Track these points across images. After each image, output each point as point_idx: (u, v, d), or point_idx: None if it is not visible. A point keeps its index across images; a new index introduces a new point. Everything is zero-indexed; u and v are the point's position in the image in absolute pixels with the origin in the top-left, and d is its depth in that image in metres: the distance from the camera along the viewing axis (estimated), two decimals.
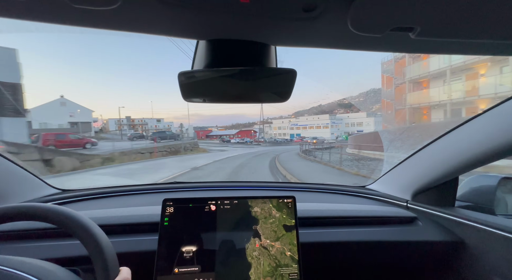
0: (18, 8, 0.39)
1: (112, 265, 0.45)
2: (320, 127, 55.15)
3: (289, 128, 63.00)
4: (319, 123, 55.53)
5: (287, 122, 64.57)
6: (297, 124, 61.57)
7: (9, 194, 0.86)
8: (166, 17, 0.42)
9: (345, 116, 55.87)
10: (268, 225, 0.70)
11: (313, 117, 56.36)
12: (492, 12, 0.37)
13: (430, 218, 0.94)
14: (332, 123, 52.86)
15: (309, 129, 57.92)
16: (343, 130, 54.99)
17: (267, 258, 0.66)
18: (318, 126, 56.00)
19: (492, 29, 0.42)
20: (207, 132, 68.34)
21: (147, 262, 0.64)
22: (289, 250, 0.69)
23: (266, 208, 0.72)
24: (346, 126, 55.51)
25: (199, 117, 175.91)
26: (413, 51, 0.55)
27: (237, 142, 38.42)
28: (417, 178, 0.97)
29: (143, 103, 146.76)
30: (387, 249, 0.87)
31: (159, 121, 68.11)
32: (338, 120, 54.58)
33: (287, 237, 0.70)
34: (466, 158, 0.76)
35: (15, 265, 0.41)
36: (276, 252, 0.68)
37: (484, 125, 0.72)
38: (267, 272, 0.65)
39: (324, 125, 54.52)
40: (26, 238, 0.72)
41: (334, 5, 0.38)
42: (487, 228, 0.76)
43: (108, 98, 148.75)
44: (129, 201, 1.04)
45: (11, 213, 0.46)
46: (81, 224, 0.46)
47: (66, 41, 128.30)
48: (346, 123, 55.73)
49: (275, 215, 0.71)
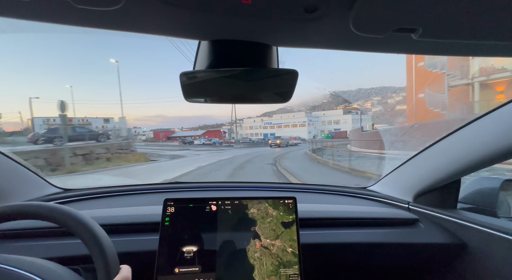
0: (21, 8, 0.38)
1: (113, 265, 0.45)
2: (297, 126, 50.80)
3: (262, 127, 57.41)
4: (295, 121, 51.18)
5: (259, 121, 58.89)
6: (270, 122, 56.37)
7: (11, 193, 0.87)
8: (169, 17, 0.42)
9: (321, 113, 52.61)
10: (266, 224, 0.70)
11: (288, 115, 51.87)
12: (494, 13, 0.37)
13: (432, 220, 0.93)
14: (309, 121, 48.99)
15: (285, 128, 53.05)
16: (320, 128, 51.55)
17: (269, 258, 0.66)
18: (294, 124, 51.52)
19: (495, 30, 0.41)
20: (169, 133, 59.41)
21: (148, 262, 0.64)
22: (290, 246, 0.68)
23: (262, 208, 0.71)
24: (322, 124, 52.29)
25: (163, 119, 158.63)
26: (415, 52, 0.55)
27: (202, 144, 31.07)
28: (419, 179, 0.96)
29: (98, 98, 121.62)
30: (388, 251, 0.86)
31: (108, 121, 55.43)
32: (315, 118, 51.08)
33: (287, 233, 0.70)
34: (468, 160, 0.76)
35: (17, 264, 0.41)
36: (277, 250, 0.68)
37: (487, 126, 0.71)
38: (270, 272, 0.65)
39: (300, 123, 50.30)
40: (28, 237, 0.73)
41: (336, 6, 0.38)
42: (489, 231, 0.75)
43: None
44: (130, 201, 1.04)
45: (13, 212, 0.46)
46: (83, 224, 0.46)
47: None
48: (323, 121, 52.56)
49: (272, 214, 0.71)
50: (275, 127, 55.29)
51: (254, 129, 60.07)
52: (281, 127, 53.80)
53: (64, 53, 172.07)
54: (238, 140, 32.07)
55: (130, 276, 0.48)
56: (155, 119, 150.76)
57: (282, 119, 53.56)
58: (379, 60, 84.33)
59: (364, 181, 5.73)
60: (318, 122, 51.49)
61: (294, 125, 51.16)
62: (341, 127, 47.63)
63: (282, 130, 52.93)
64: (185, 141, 32.30)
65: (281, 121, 54.08)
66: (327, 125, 51.26)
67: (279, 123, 54.70)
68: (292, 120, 51.53)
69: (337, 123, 49.29)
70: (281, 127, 53.90)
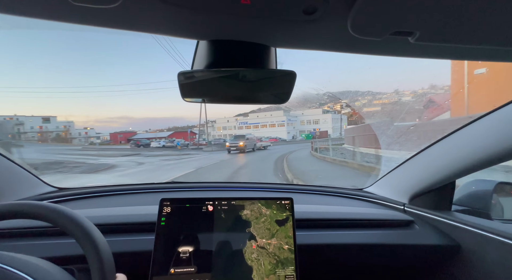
0: (19, 5, 0.38)
1: (108, 265, 0.45)
2: (275, 125, 46.68)
3: (237, 127, 52.21)
4: (273, 120, 47.04)
5: (233, 120, 53.69)
6: (246, 122, 51.45)
7: (4, 191, 0.85)
8: (167, 16, 0.42)
9: (299, 113, 49.45)
10: (260, 224, 0.69)
11: (265, 114, 47.72)
12: (492, 17, 0.37)
13: (427, 222, 0.94)
14: (288, 120, 45.41)
15: (262, 128, 48.53)
16: (298, 128, 48.28)
17: (266, 257, 0.66)
18: (272, 124, 47.38)
19: (492, 35, 0.41)
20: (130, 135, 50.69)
21: (143, 262, 0.63)
22: (286, 243, 0.69)
23: (255, 208, 0.71)
24: (301, 124, 49.15)
25: (129, 120, 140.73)
26: (413, 56, 0.54)
27: (161, 146, 24.52)
28: (414, 181, 0.97)
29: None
30: (383, 252, 0.87)
31: (48, 121, 44.78)
32: (293, 117, 47.77)
33: (282, 231, 0.70)
34: (463, 162, 0.77)
35: (9, 262, 0.40)
36: (274, 248, 0.68)
37: (482, 130, 0.72)
38: (269, 271, 0.65)
39: (279, 123, 46.28)
40: (21, 236, 0.72)
41: (335, 8, 0.38)
42: (483, 233, 0.76)
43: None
44: (126, 200, 1.03)
45: (6, 211, 0.45)
46: (77, 223, 0.45)
47: None
48: (301, 121, 49.46)
49: (266, 213, 0.71)
50: (251, 127, 50.58)
51: (228, 130, 54.60)
52: (258, 127, 49.35)
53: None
54: (209, 141, 26.70)
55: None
56: (119, 120, 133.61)
57: (259, 118, 49.24)
58: (373, 62, 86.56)
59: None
60: (297, 121, 48.36)
61: (272, 125, 47.15)
62: (320, 126, 45.13)
63: (259, 130, 48.51)
64: (138, 143, 24.98)
65: (257, 121, 49.63)
66: (306, 125, 48.39)
67: (255, 122, 50.15)
68: (270, 120, 47.45)
69: (317, 123, 46.69)
70: (258, 127, 49.43)
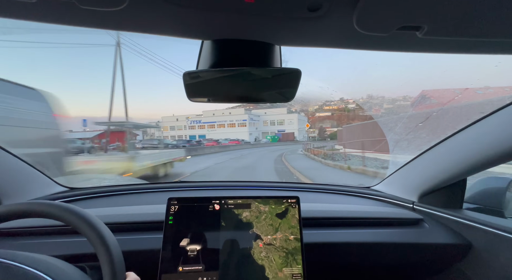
0: (27, 9, 0.39)
1: (119, 264, 0.46)
2: (235, 125, 39.67)
3: (189, 127, 42.94)
4: (232, 119, 39.95)
5: (184, 119, 44.16)
6: (199, 121, 42.82)
7: (17, 191, 0.86)
8: (172, 17, 0.42)
9: (261, 112, 43.90)
10: (262, 222, 0.69)
11: (223, 112, 40.36)
12: (502, 9, 0.36)
13: (437, 220, 0.91)
14: (250, 120, 39.18)
15: (219, 128, 40.72)
16: (261, 129, 42.53)
17: (275, 253, 0.66)
18: (232, 123, 40.19)
19: (502, 27, 0.40)
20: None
21: (152, 261, 0.64)
22: (291, 233, 0.69)
23: (253, 209, 0.71)
24: (264, 125, 43.64)
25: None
26: (420, 51, 0.53)
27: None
28: (423, 179, 0.94)
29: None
30: (392, 251, 0.85)
31: None
32: (256, 116, 41.85)
33: (284, 223, 0.70)
34: (475, 159, 0.74)
35: (24, 261, 0.42)
36: (281, 242, 0.68)
37: (494, 125, 0.70)
38: (280, 265, 0.65)
39: (240, 122, 39.52)
40: (34, 235, 0.73)
41: (340, 4, 0.37)
42: (496, 231, 0.73)
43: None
44: (134, 200, 1.04)
45: (20, 210, 0.46)
46: (89, 222, 0.46)
47: None
48: (264, 121, 43.99)
49: (264, 210, 0.71)
50: (205, 127, 42.34)
51: (177, 130, 44.73)
52: (214, 126, 41.57)
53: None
54: (146, 144, 17.59)
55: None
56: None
57: (215, 117, 41.47)
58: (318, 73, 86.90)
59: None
60: (260, 122, 42.79)
61: (232, 124, 40.20)
62: (285, 128, 40.69)
63: (215, 130, 40.71)
64: None
65: (213, 120, 41.82)
66: (269, 126, 43.22)
67: (211, 122, 42.21)
68: (229, 118, 40.36)
69: (281, 124, 42.07)
70: (214, 127, 41.60)
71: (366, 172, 7.31)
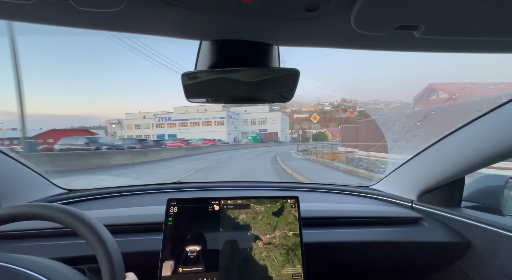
0: (25, 11, 0.39)
1: (118, 265, 0.46)
2: (211, 123, 34.97)
3: (156, 125, 37.20)
4: (208, 117, 35.22)
5: (151, 116, 38.31)
6: (169, 118, 37.22)
7: (16, 193, 0.86)
8: (170, 18, 0.42)
9: (241, 110, 39.82)
10: (259, 223, 0.69)
11: (198, 109, 35.50)
12: (500, 8, 0.37)
13: (436, 219, 0.92)
14: (229, 118, 34.88)
15: (192, 127, 35.67)
16: (241, 129, 38.47)
17: (276, 251, 0.67)
18: (207, 122, 35.44)
19: (500, 26, 0.41)
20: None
21: (152, 262, 0.64)
22: (289, 229, 0.69)
23: (249, 210, 0.70)
24: (244, 124, 39.65)
25: (8, 117, 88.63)
26: (418, 50, 0.54)
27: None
28: (422, 178, 0.95)
29: None
30: (391, 250, 0.85)
31: None
32: (235, 114, 37.68)
33: (281, 220, 0.70)
34: (473, 157, 0.75)
35: (23, 264, 0.42)
36: (280, 239, 0.68)
37: (492, 124, 0.70)
38: (282, 262, 0.65)
39: (217, 120, 34.88)
40: (33, 237, 0.73)
41: (337, 4, 0.38)
42: (494, 229, 0.74)
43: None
44: (133, 201, 1.03)
45: (18, 213, 0.46)
46: (88, 224, 0.46)
47: None
48: (244, 120, 39.99)
49: (260, 210, 0.70)
50: (176, 125, 36.88)
51: (144, 129, 38.54)
52: (187, 125, 36.34)
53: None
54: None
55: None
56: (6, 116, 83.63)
57: (188, 114, 36.38)
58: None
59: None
60: (239, 120, 38.71)
61: (207, 122, 35.37)
62: (268, 128, 37.25)
63: (188, 129, 35.57)
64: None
65: (186, 117, 36.59)
66: (250, 125, 39.40)
67: (182, 119, 36.87)
68: (204, 116, 35.54)
69: (263, 123, 38.54)
70: (186, 125, 36.37)
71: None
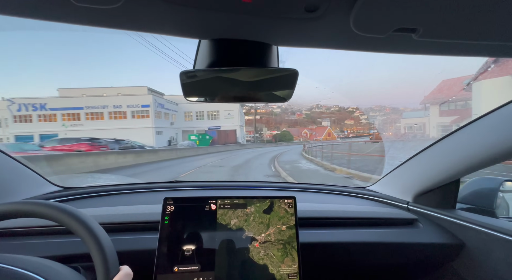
0: (21, 6, 0.39)
1: (112, 264, 0.45)
2: (126, 116, 21.41)
3: (14, 118, 20.74)
4: (121, 104, 21.56)
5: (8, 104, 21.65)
6: (43, 105, 21.38)
7: (10, 191, 0.85)
8: (169, 16, 0.42)
9: (182, 99, 27.59)
10: (252, 223, 0.69)
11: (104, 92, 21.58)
12: (496, 12, 0.37)
13: (431, 220, 0.93)
14: (159, 107, 22.43)
15: (91, 121, 21.09)
16: (181, 126, 26.23)
17: (273, 247, 0.67)
18: (119, 111, 21.83)
19: (497, 30, 0.41)
20: None
21: (147, 261, 0.64)
22: (282, 223, 0.69)
23: (239, 214, 0.70)
24: (186, 119, 27.54)
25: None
26: (416, 52, 0.54)
27: None
28: (418, 179, 0.96)
29: None
30: (387, 251, 0.86)
31: None
32: (171, 104, 25.30)
33: (273, 216, 0.70)
34: (468, 160, 0.76)
35: (17, 263, 0.42)
36: (275, 235, 0.68)
37: (487, 127, 0.71)
38: (280, 257, 0.66)
39: (138, 111, 21.64)
40: (27, 235, 0.72)
41: (337, 5, 0.38)
42: (488, 231, 0.75)
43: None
44: (130, 199, 1.02)
45: (12, 210, 0.45)
46: (82, 222, 0.46)
47: None
48: (187, 113, 27.88)
49: (251, 211, 0.70)
50: (57, 117, 21.69)
51: (17, 125, 21.36)
52: (79, 117, 21.70)
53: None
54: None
55: (132, 274, 0.47)
56: None
57: (86, 99, 21.76)
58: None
59: None
60: (179, 113, 26.53)
61: (119, 114, 21.82)
62: (221, 124, 26.53)
63: (82, 125, 21.06)
64: None
65: (78, 104, 21.90)
66: (195, 120, 27.71)
67: (72, 108, 21.95)
68: (115, 102, 21.80)
69: (215, 117, 27.56)
70: (78, 118, 21.67)
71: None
